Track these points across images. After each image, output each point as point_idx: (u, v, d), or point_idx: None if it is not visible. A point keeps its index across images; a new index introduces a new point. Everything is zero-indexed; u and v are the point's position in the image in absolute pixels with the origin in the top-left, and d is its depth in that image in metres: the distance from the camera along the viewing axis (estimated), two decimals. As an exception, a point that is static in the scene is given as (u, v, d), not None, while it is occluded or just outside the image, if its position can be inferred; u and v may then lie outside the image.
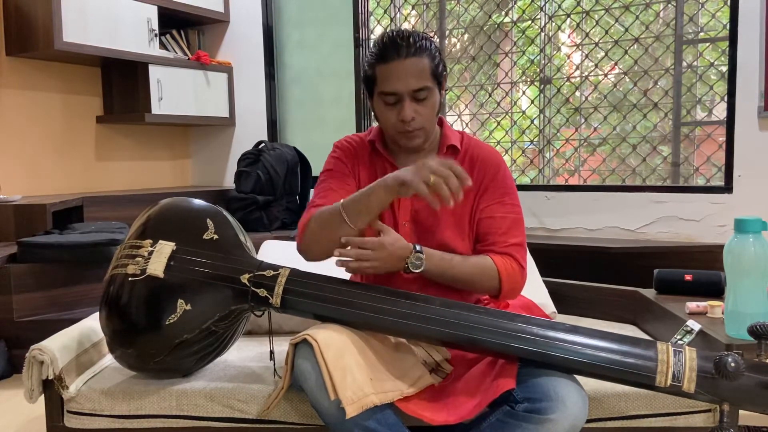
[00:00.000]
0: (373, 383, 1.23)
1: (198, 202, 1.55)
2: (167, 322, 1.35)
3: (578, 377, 1.27)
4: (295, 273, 1.37)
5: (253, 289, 1.36)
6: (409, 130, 1.42)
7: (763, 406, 1.14)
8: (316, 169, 3.80)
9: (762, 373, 1.15)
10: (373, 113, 1.54)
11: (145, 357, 1.40)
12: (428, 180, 1.25)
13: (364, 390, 1.20)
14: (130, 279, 1.38)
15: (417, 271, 1.36)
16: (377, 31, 3.97)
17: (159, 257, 1.39)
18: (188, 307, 1.36)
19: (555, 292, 2.02)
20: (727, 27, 3.01)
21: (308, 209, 1.46)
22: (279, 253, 1.98)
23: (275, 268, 1.38)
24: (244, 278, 1.37)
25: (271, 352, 1.52)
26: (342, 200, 1.37)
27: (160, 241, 1.42)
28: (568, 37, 3.69)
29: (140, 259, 1.40)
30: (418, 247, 1.37)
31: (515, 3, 3.68)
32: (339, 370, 1.21)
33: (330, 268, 1.39)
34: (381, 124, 1.49)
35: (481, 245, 1.48)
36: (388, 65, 1.40)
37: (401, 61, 1.39)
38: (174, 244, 1.41)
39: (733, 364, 1.11)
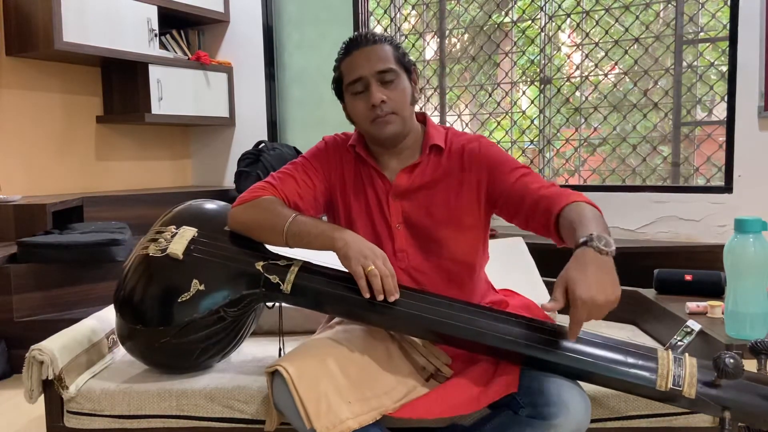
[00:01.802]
0: (353, 406, 1.23)
1: (221, 202, 1.61)
2: (180, 300, 1.38)
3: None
4: (307, 264, 1.41)
5: (266, 274, 1.39)
6: (380, 114, 1.40)
7: (764, 417, 1.14)
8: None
9: (762, 383, 1.15)
10: (348, 119, 1.52)
11: (153, 335, 1.41)
12: (367, 267, 1.27)
13: (340, 416, 1.20)
14: (150, 255, 1.43)
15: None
16: (377, 31, 3.98)
17: (181, 239, 1.44)
18: (202, 288, 1.39)
19: (555, 292, 2.01)
20: (727, 27, 3.01)
21: (264, 183, 1.47)
22: (278, 251, 1.97)
23: (289, 259, 1.42)
24: (259, 265, 1.40)
25: (281, 350, 1.54)
26: (290, 220, 1.37)
27: (184, 226, 1.48)
28: (568, 37, 3.70)
29: (162, 240, 1.45)
30: (594, 242, 1.16)
31: (515, 3, 3.68)
32: (313, 400, 1.21)
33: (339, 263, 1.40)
34: (355, 120, 1.48)
35: (531, 201, 1.36)
36: (350, 56, 1.43)
37: (362, 49, 1.42)
38: (196, 230, 1.47)
39: (732, 361, 1.11)
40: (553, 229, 1.33)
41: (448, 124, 3.80)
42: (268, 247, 1.47)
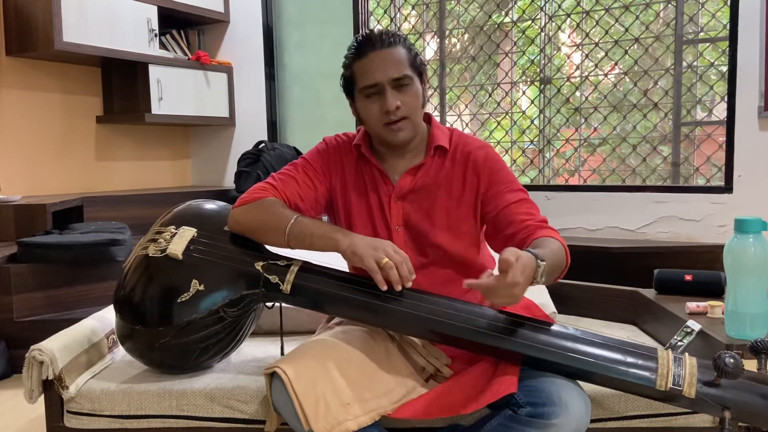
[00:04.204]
0: (351, 407, 1.23)
1: (221, 202, 1.62)
2: (179, 300, 1.38)
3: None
4: (306, 264, 1.41)
5: (266, 275, 1.39)
6: (394, 120, 1.40)
7: (764, 417, 1.14)
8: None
9: (762, 382, 1.15)
10: (356, 117, 1.52)
11: (153, 336, 1.41)
12: (381, 261, 1.27)
13: (338, 418, 1.20)
14: (149, 256, 1.43)
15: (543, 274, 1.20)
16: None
17: (180, 240, 1.44)
18: (201, 288, 1.39)
19: (555, 292, 2.02)
20: (727, 27, 3.01)
21: (264, 184, 1.47)
22: (277, 252, 1.97)
23: (289, 259, 1.42)
24: (258, 265, 1.40)
25: (282, 350, 1.54)
26: (292, 221, 1.37)
27: (183, 227, 1.47)
28: (568, 37, 3.70)
29: (162, 241, 1.45)
30: (540, 262, 1.20)
31: (515, 3, 3.68)
32: (311, 401, 1.21)
33: (340, 262, 1.41)
34: (365, 122, 1.48)
35: (514, 230, 1.38)
36: (365, 59, 1.42)
37: (378, 52, 1.41)
38: (196, 230, 1.47)
39: (732, 361, 1.11)
40: None
41: (448, 125, 3.80)
42: (268, 247, 1.47)
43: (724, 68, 3.09)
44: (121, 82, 3.77)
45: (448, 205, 1.46)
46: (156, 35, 3.68)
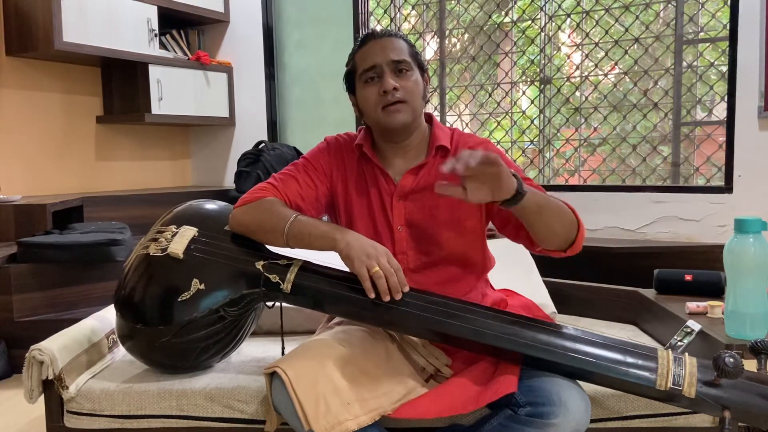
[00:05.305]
0: (351, 407, 1.23)
1: (221, 202, 1.62)
2: (180, 299, 1.38)
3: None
4: (307, 264, 1.41)
5: (266, 274, 1.39)
6: (392, 101, 1.41)
7: (763, 417, 1.14)
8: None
9: (762, 382, 1.15)
10: (357, 114, 1.53)
11: (154, 335, 1.41)
12: (371, 268, 1.28)
13: (338, 417, 1.20)
14: (150, 255, 1.44)
15: (522, 195, 1.25)
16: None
17: (181, 239, 1.44)
18: (202, 287, 1.39)
19: (555, 292, 2.02)
20: (727, 27, 3.01)
21: (266, 184, 1.48)
22: (278, 252, 1.97)
23: (289, 258, 1.42)
24: (259, 264, 1.41)
25: (283, 350, 1.54)
26: (290, 221, 1.37)
27: (184, 226, 1.48)
28: (568, 37, 3.70)
29: (163, 240, 1.46)
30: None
31: (515, 3, 3.68)
32: (311, 401, 1.21)
33: (340, 262, 1.40)
34: (364, 112, 1.48)
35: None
36: (365, 47, 1.45)
37: (378, 40, 1.45)
38: (197, 229, 1.47)
39: (732, 361, 1.11)
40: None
41: (448, 125, 3.80)
42: (269, 247, 1.47)
43: (724, 68, 3.09)
44: (121, 82, 3.77)
45: (451, 201, 1.46)
46: (156, 35, 3.68)
